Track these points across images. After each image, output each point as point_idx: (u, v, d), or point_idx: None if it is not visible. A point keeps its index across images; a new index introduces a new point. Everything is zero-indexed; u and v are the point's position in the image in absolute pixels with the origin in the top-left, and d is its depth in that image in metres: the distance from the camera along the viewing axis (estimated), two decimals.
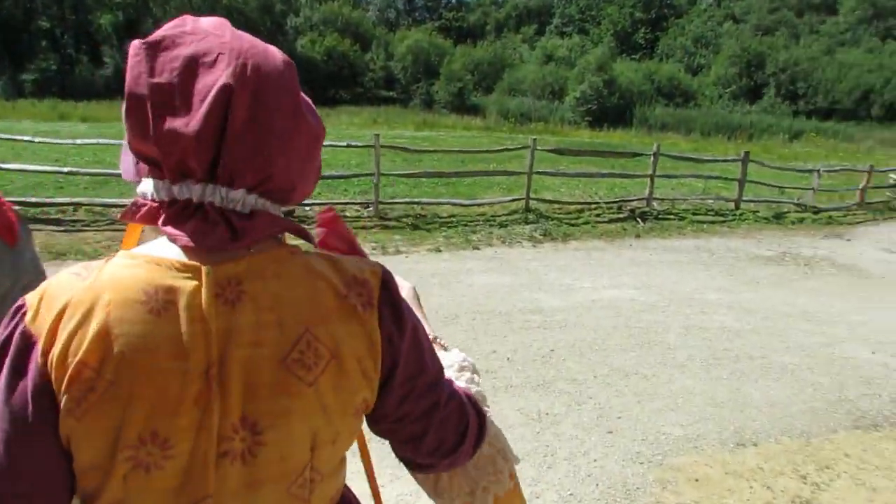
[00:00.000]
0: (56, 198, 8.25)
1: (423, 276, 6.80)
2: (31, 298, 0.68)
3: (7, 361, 0.66)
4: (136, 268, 0.68)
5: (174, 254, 0.69)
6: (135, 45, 0.68)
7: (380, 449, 1.16)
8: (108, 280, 0.67)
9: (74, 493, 0.70)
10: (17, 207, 6.44)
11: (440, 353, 0.93)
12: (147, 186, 0.70)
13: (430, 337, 0.90)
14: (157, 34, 0.68)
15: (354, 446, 0.86)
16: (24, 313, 0.67)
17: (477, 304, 5.94)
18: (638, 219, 10.19)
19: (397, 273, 0.89)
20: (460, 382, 0.90)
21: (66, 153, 11.28)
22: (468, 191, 11.24)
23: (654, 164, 10.69)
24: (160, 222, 0.68)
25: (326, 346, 0.71)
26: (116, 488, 0.66)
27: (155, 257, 0.69)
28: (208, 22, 0.71)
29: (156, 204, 0.69)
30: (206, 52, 0.67)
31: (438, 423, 0.81)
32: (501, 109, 33.68)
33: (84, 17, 37.10)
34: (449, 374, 0.90)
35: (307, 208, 9.28)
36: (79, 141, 9.05)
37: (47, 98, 26.91)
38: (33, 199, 7.96)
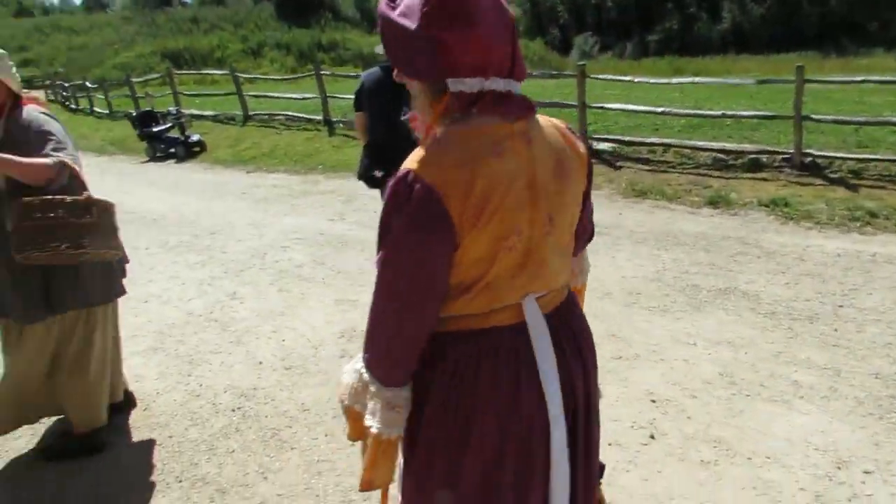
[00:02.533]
0: (649, 138, 8.20)
1: None
2: (411, 165, 1.14)
3: (417, 205, 1.12)
4: (478, 135, 1.17)
5: (489, 122, 1.18)
6: None
7: None
8: (465, 144, 1.16)
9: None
10: (612, 145, 6.61)
11: None
12: (459, 83, 1.15)
13: None
14: None
15: None
16: (414, 173, 1.13)
17: None
18: None
19: None
20: None
21: (669, 98, 11.05)
22: None
23: None
24: (487, 105, 1.17)
25: (566, 164, 1.27)
26: (492, 271, 1.19)
27: (482, 127, 1.18)
28: None
29: (468, 93, 1.16)
30: None
31: (591, 215, 1.47)
32: None
33: None
34: None
35: None
36: (674, 80, 8.90)
37: (667, 55, 28.83)
38: (626, 138, 8.20)
